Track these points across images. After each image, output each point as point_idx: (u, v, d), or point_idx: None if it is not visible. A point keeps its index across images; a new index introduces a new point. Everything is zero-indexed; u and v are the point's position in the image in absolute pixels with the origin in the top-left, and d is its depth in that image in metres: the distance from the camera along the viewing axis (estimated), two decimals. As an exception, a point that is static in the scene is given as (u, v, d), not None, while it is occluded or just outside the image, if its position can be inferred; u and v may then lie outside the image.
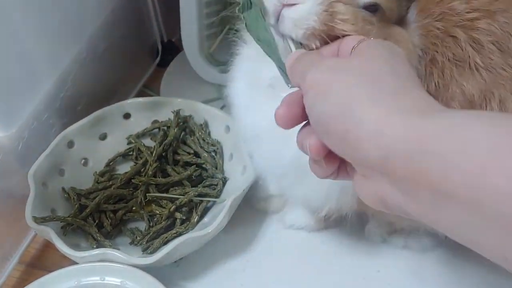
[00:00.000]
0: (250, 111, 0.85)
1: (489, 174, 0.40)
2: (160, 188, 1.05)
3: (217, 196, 1.03)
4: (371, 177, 0.50)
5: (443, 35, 0.74)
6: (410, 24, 0.75)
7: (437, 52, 0.74)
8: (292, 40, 0.65)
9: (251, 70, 0.84)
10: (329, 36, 0.63)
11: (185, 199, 1.00)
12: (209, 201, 1.02)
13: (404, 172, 0.45)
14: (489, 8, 0.73)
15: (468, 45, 0.73)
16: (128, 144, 1.14)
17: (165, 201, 1.03)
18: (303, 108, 0.55)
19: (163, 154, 1.09)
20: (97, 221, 1.01)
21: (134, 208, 1.04)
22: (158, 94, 1.32)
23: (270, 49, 0.68)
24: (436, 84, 0.74)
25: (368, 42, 0.57)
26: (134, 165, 1.09)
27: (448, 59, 0.74)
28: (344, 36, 0.63)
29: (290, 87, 0.61)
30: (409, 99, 0.48)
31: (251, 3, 0.69)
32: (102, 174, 1.09)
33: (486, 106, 0.74)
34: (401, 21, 0.73)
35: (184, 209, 1.01)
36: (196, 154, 1.10)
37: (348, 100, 0.49)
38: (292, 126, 0.57)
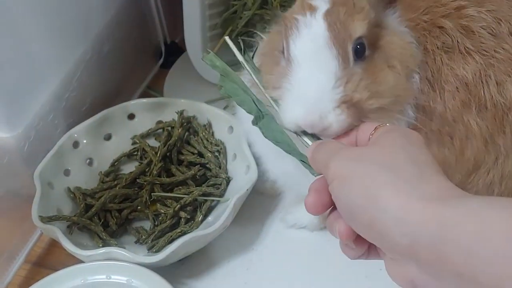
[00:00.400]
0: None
1: (507, 263, 0.42)
2: (164, 188, 1.06)
3: (221, 196, 1.04)
4: (400, 261, 0.52)
5: (430, 26, 0.79)
6: (391, 23, 0.78)
7: (427, 42, 0.78)
8: (308, 134, 0.70)
9: None
10: None
11: (190, 199, 1.01)
12: (213, 200, 1.03)
13: (429, 257, 0.47)
14: None
15: (457, 31, 0.78)
16: (132, 144, 1.15)
17: (169, 201, 1.04)
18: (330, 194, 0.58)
19: (168, 154, 1.10)
20: (102, 220, 1.02)
21: (139, 207, 1.05)
22: (161, 94, 1.33)
23: (290, 148, 0.72)
24: (432, 71, 0.78)
25: (384, 128, 0.60)
26: (139, 165, 1.11)
27: (437, 47, 0.78)
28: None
29: (316, 176, 0.64)
30: (428, 186, 0.51)
31: (263, 114, 0.74)
32: (107, 174, 1.11)
33: (483, 88, 0.78)
34: (380, 23, 0.76)
35: (188, 208, 1.02)
36: (200, 154, 1.11)
37: (371, 189, 0.52)
38: (323, 212, 0.60)
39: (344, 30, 0.70)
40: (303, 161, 0.69)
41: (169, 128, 1.13)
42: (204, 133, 1.12)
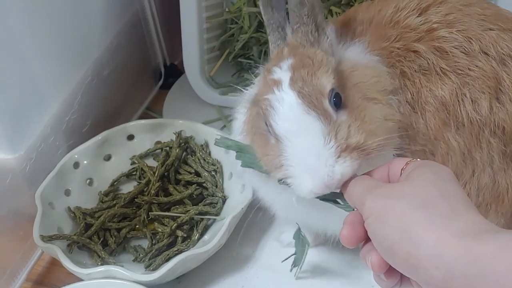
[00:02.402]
0: None
1: None
2: (162, 207, 1.09)
3: (217, 214, 1.06)
4: None
5: (404, 52, 0.82)
6: (357, 56, 0.81)
7: (403, 66, 0.81)
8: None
9: None
10: None
11: (186, 217, 1.04)
12: (209, 219, 1.06)
13: None
14: (445, 19, 0.82)
15: (431, 53, 0.80)
16: (131, 164, 1.18)
17: (167, 219, 1.06)
18: (364, 228, 0.60)
19: (165, 173, 1.13)
20: (101, 239, 1.04)
21: (137, 226, 1.08)
22: (161, 115, 1.36)
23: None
24: (411, 93, 0.81)
25: (415, 164, 0.62)
26: (138, 184, 1.13)
27: (415, 70, 0.81)
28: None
29: (349, 211, 0.66)
30: (460, 221, 0.53)
31: None
32: (106, 193, 1.13)
33: (460, 107, 0.80)
34: (344, 62, 0.79)
35: (185, 227, 1.04)
36: (197, 174, 1.13)
37: (406, 225, 0.54)
38: (357, 244, 0.62)
39: (314, 91, 0.72)
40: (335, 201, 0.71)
41: (167, 148, 1.16)
42: (201, 153, 1.15)
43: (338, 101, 0.72)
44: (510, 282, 0.47)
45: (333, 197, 0.72)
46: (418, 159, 0.63)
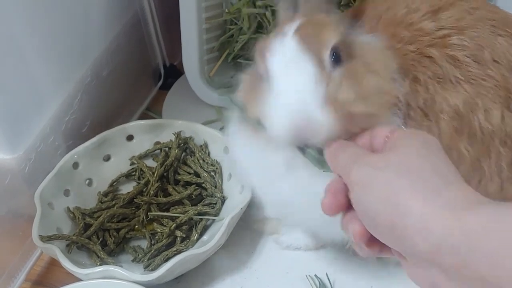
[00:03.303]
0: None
1: None
2: (161, 207, 1.09)
3: (216, 215, 1.06)
4: (422, 266, 0.53)
5: (418, 56, 0.80)
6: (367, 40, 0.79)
7: (417, 72, 0.79)
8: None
9: None
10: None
11: (185, 218, 1.04)
12: (208, 219, 1.06)
13: (453, 264, 0.48)
14: (457, 24, 0.80)
15: (445, 61, 0.79)
16: (131, 165, 1.18)
17: (166, 220, 1.06)
18: (347, 196, 0.59)
19: (165, 174, 1.13)
20: (101, 239, 1.04)
21: (136, 226, 1.08)
22: (160, 116, 1.36)
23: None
24: (424, 99, 0.79)
25: (401, 133, 0.61)
26: (137, 185, 1.13)
27: (429, 77, 0.79)
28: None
29: (324, 171, 0.65)
30: (450, 193, 0.52)
31: None
32: (105, 194, 1.13)
33: (473, 117, 0.79)
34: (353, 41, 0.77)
35: (184, 227, 1.04)
36: (196, 174, 1.14)
37: (391, 195, 0.53)
38: (338, 213, 0.61)
39: (317, 40, 0.70)
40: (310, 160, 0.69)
41: (167, 149, 1.16)
42: (200, 153, 1.15)
43: (337, 60, 0.70)
44: (502, 257, 0.45)
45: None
46: (405, 128, 0.62)
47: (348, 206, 0.60)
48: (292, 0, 0.79)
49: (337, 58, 0.70)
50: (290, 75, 0.69)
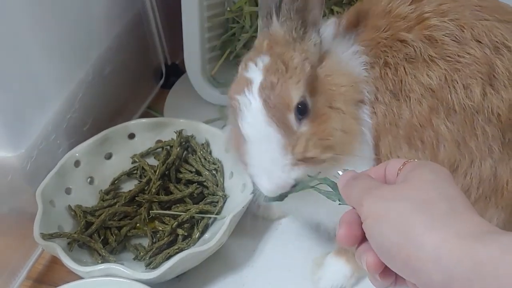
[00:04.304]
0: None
1: None
2: (163, 206, 1.09)
3: (218, 213, 1.06)
4: None
5: (391, 42, 0.83)
6: (339, 49, 0.84)
7: (387, 57, 0.83)
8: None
9: None
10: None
11: (187, 216, 1.04)
12: (210, 217, 1.06)
13: None
14: (438, 8, 0.83)
15: (419, 42, 0.81)
16: (132, 163, 1.18)
17: (167, 218, 1.06)
18: (362, 228, 0.59)
19: (166, 172, 1.13)
20: (102, 238, 1.04)
21: (138, 224, 1.08)
22: (162, 114, 1.36)
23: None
24: (392, 81, 0.82)
25: (413, 164, 0.61)
26: (138, 183, 1.13)
27: (400, 59, 0.82)
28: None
29: (339, 204, 0.66)
30: (461, 222, 0.52)
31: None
32: (107, 192, 1.13)
33: (450, 92, 0.81)
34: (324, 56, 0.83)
35: (186, 225, 1.04)
36: (198, 172, 1.13)
37: (405, 227, 0.53)
38: (354, 244, 0.61)
39: (280, 103, 0.76)
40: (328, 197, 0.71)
41: (168, 147, 1.16)
42: (202, 152, 1.15)
43: (304, 110, 0.77)
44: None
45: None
46: (416, 160, 0.63)
47: (363, 237, 0.60)
48: (268, 21, 0.83)
49: (303, 108, 0.77)
50: (260, 144, 0.77)
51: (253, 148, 0.78)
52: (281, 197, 0.79)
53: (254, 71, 0.79)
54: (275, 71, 0.77)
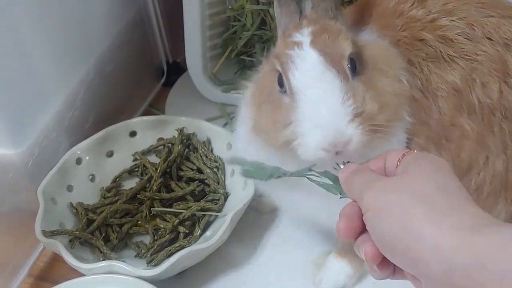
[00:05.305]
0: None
1: None
2: (164, 203, 1.09)
3: (219, 211, 1.06)
4: (435, 286, 0.54)
5: (411, 40, 0.82)
6: (368, 38, 0.82)
7: (410, 55, 0.82)
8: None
9: None
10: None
11: (188, 213, 1.04)
12: (211, 215, 1.06)
13: (465, 284, 0.49)
14: (444, 8, 0.82)
15: (437, 42, 0.81)
16: (134, 160, 1.18)
17: (169, 216, 1.06)
18: (362, 220, 0.60)
19: (167, 170, 1.13)
20: (103, 235, 1.05)
21: (139, 222, 1.08)
22: (163, 112, 1.36)
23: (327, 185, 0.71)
24: (420, 80, 0.81)
25: (412, 156, 0.61)
26: (140, 181, 1.13)
27: (422, 58, 0.81)
28: None
29: (340, 197, 0.66)
30: (460, 214, 0.53)
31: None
32: (108, 189, 1.13)
33: (471, 91, 0.81)
34: (357, 42, 0.79)
35: (187, 223, 1.04)
36: (199, 170, 1.14)
37: (405, 219, 0.54)
38: (354, 237, 0.61)
39: (335, 51, 0.72)
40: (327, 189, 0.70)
41: (170, 145, 1.16)
42: (203, 150, 1.15)
43: (353, 68, 0.72)
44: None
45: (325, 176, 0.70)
46: (415, 151, 0.63)
47: (362, 229, 0.61)
48: (296, 4, 0.79)
49: (353, 66, 0.72)
50: (318, 93, 0.70)
51: (306, 97, 0.70)
52: (266, 174, 0.73)
53: (301, 36, 0.74)
54: (324, 31, 0.74)
